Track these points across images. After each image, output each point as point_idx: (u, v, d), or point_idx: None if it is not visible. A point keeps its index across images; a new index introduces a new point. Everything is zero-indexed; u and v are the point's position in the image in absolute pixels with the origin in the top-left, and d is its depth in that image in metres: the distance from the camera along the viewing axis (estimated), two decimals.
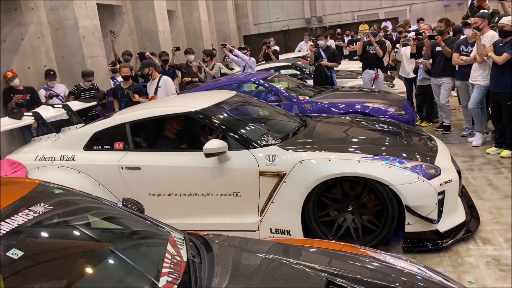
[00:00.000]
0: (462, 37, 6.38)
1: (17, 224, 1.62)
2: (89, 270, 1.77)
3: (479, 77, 5.71)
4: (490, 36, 5.62)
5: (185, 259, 1.86)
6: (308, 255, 2.07)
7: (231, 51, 8.36)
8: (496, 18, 6.07)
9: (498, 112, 5.47)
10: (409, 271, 1.99)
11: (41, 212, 1.76)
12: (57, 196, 2.04)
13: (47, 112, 5.05)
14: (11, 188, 2.04)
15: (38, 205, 1.80)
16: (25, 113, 4.85)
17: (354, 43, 12.15)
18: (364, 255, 2.11)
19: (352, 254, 2.10)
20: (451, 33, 6.73)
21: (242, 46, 10.34)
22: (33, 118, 4.69)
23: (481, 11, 6.15)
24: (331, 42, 13.67)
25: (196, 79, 8.62)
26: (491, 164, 5.24)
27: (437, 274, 2.06)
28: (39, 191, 2.00)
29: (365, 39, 7.78)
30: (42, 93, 6.94)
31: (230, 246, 2.07)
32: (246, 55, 8.48)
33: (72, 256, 1.82)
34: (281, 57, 12.06)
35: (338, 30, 14.69)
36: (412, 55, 7.30)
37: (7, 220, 1.62)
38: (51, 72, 7.07)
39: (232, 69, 10.64)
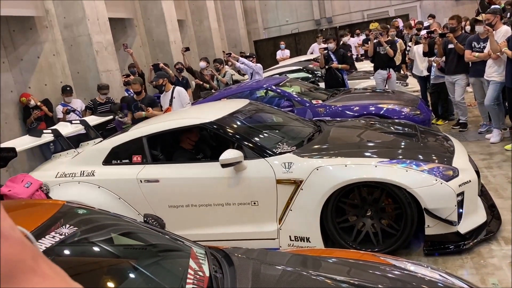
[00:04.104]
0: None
1: (45, 247, 1.68)
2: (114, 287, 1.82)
3: (494, 73, 5.64)
4: (503, 32, 5.55)
5: (207, 274, 1.90)
6: (328, 266, 2.08)
7: (237, 59, 8.44)
8: (509, 13, 5.99)
9: None
10: (430, 279, 1.98)
11: (67, 234, 1.82)
12: (81, 216, 2.10)
13: (66, 129, 5.16)
14: (37, 210, 2.11)
15: (64, 226, 1.86)
16: (44, 131, 4.97)
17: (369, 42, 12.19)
18: (384, 263, 2.11)
19: (372, 263, 2.11)
20: (468, 27, 6.63)
21: (248, 54, 10.41)
22: (52, 135, 4.80)
23: (493, 6, 6.08)
24: (353, 40, 13.67)
25: (207, 85, 8.71)
26: (511, 161, 5.16)
27: (460, 280, 2.05)
28: (64, 212, 2.06)
29: (374, 40, 7.75)
30: (59, 109, 7.10)
31: (250, 259, 2.09)
32: (252, 62, 8.56)
33: (97, 274, 1.87)
34: (291, 60, 12.07)
35: (357, 31, 14.79)
36: (425, 54, 7.24)
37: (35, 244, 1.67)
38: (68, 88, 7.23)
39: (243, 74, 10.71)
